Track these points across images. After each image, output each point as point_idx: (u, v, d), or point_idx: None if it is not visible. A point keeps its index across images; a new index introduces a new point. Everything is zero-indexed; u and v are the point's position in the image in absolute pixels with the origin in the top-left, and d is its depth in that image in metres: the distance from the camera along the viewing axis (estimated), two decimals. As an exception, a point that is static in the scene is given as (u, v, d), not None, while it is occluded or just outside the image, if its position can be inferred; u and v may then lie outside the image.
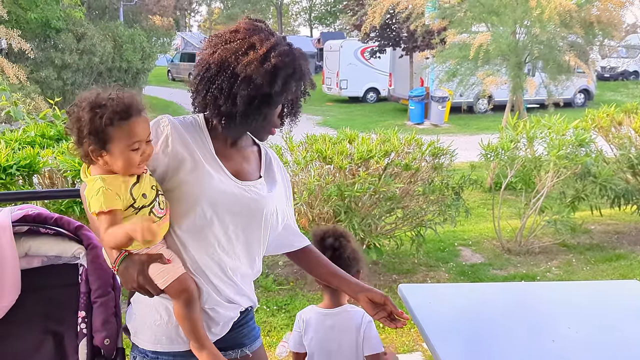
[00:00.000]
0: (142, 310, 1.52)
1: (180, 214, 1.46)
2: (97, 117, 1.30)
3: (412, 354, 3.37)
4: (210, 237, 1.49)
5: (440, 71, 8.73)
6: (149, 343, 1.52)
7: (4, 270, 1.56)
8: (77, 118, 1.33)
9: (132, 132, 1.33)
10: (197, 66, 1.51)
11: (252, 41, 1.43)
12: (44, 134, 4.02)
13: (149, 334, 1.52)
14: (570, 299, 2.16)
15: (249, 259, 1.59)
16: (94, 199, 1.32)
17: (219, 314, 1.55)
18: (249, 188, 1.54)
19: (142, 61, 15.59)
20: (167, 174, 1.46)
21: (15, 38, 9.58)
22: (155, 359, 1.53)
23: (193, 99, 1.53)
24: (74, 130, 1.34)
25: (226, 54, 1.44)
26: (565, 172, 4.76)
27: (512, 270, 4.84)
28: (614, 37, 8.16)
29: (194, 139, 1.51)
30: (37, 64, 12.94)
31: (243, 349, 1.66)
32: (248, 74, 1.41)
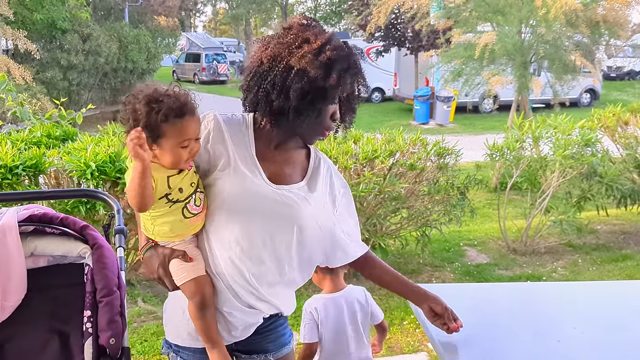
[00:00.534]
0: (172, 303, 1.58)
1: (209, 212, 1.47)
2: (154, 112, 1.33)
3: (418, 354, 3.36)
4: (232, 240, 1.46)
5: (446, 71, 8.70)
6: (173, 336, 1.59)
7: (10, 269, 1.56)
8: (134, 109, 1.35)
9: (184, 131, 1.36)
10: (249, 64, 1.48)
11: (306, 35, 1.41)
12: (50, 134, 4.04)
13: (173, 327, 1.59)
14: (576, 299, 2.15)
15: (277, 266, 1.51)
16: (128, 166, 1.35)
17: (237, 319, 1.54)
18: (282, 192, 1.49)
19: (148, 61, 15.64)
20: (209, 171, 1.48)
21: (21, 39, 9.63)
22: (177, 352, 1.59)
23: (244, 98, 1.49)
24: (129, 120, 1.35)
25: (279, 48, 1.42)
26: (571, 172, 4.74)
27: (517, 270, 4.82)
28: (620, 36, 8.12)
29: (235, 137, 1.49)
30: (43, 64, 13.00)
31: (267, 355, 1.64)
32: (302, 67, 1.37)
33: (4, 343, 1.60)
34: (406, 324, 3.71)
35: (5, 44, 13.25)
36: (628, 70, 22.42)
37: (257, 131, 1.53)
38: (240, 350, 1.61)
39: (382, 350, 3.38)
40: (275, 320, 1.64)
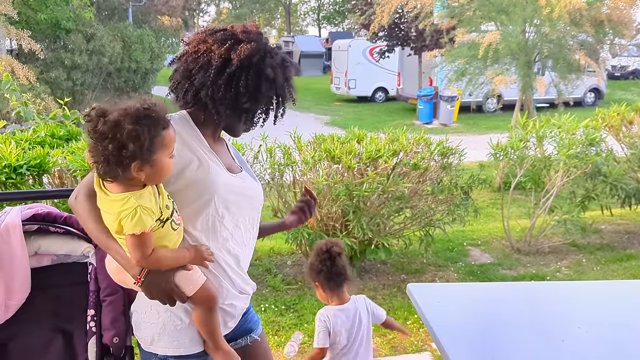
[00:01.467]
0: (158, 317, 1.50)
1: (193, 214, 1.46)
2: (145, 131, 1.25)
3: (421, 354, 3.35)
4: (224, 232, 1.51)
5: (449, 70, 8.69)
6: (171, 349, 1.50)
7: (14, 268, 1.57)
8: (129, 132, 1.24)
9: (171, 139, 1.33)
10: (203, 56, 1.47)
11: (267, 45, 1.51)
12: (54, 134, 4.05)
13: (169, 340, 1.50)
14: (580, 298, 2.15)
15: (252, 247, 1.65)
16: (130, 219, 1.27)
17: (236, 308, 1.59)
18: (242, 180, 1.59)
19: (151, 61, 15.64)
20: (178, 175, 1.44)
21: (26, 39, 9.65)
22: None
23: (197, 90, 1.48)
24: (120, 149, 1.24)
25: (249, 52, 1.46)
26: (576, 172, 4.72)
27: (521, 270, 4.81)
28: (625, 35, 8.09)
29: (190, 136, 1.51)
30: (47, 64, 13.03)
31: (252, 335, 1.73)
32: (272, 77, 1.48)
33: (8, 342, 1.61)
34: (410, 323, 3.71)
35: (9, 44, 13.29)
36: (632, 70, 22.35)
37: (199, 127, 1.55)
38: (230, 339, 1.63)
39: (386, 350, 3.38)
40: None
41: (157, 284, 1.39)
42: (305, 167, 4.03)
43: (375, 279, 4.47)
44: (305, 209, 1.86)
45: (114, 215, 1.30)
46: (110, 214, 1.32)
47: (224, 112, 1.48)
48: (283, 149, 4.14)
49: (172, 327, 1.49)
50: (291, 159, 4.09)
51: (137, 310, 1.54)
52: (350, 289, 2.45)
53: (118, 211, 1.29)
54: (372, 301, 2.52)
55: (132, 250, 1.32)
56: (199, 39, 1.51)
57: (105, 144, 1.24)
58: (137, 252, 1.32)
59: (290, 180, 4.18)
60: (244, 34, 1.49)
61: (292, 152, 4.17)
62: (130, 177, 1.28)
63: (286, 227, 1.88)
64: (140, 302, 1.52)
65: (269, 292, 4.16)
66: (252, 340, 1.73)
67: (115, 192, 1.31)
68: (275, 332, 3.60)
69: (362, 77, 18.60)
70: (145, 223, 1.28)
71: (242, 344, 1.70)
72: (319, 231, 4.02)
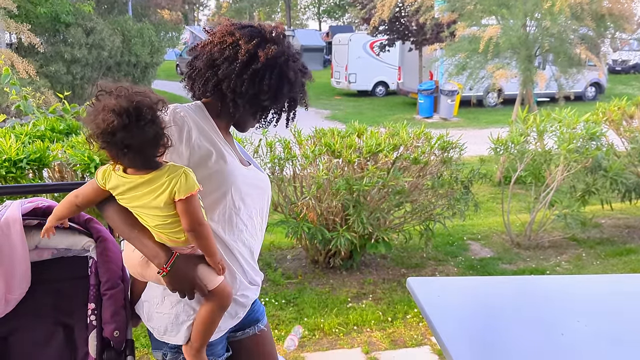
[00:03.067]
0: (172, 308, 1.51)
1: (211, 205, 1.48)
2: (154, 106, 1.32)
3: (421, 348, 3.37)
4: (240, 224, 1.54)
5: (450, 64, 8.67)
6: (184, 338, 1.51)
7: (14, 262, 1.57)
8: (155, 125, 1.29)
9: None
10: (229, 49, 1.49)
11: (291, 48, 1.56)
12: (54, 128, 4.05)
13: (183, 330, 1.51)
14: (579, 292, 2.15)
15: (262, 238, 1.68)
16: (184, 181, 1.30)
17: (248, 298, 1.62)
18: (254, 172, 1.62)
19: (151, 55, 15.59)
20: (193, 167, 1.43)
21: (25, 32, 9.61)
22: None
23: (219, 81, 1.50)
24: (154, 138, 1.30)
25: (276, 53, 1.49)
26: (576, 166, 4.72)
27: (521, 264, 4.82)
28: (626, 29, 8.06)
29: (207, 126, 1.52)
30: (47, 58, 12.99)
31: (258, 324, 1.75)
32: (294, 80, 1.53)
33: (8, 335, 1.62)
34: (409, 317, 3.72)
35: (8, 38, 13.25)
36: (633, 64, 22.32)
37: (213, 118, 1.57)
38: (235, 329, 1.66)
39: (385, 344, 3.39)
40: None
41: (183, 274, 1.40)
42: (306, 161, 4.03)
43: (375, 273, 4.48)
44: None
45: (160, 190, 1.31)
46: (152, 193, 1.32)
47: (243, 106, 1.51)
48: (283, 143, 4.14)
49: (185, 318, 1.50)
50: (291, 153, 4.09)
51: (148, 301, 1.55)
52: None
53: (167, 180, 1.31)
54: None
55: (188, 215, 1.32)
56: (225, 30, 1.53)
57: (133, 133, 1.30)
58: (194, 216, 1.33)
59: (291, 175, 4.18)
60: (272, 34, 1.53)
61: (292, 147, 4.17)
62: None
63: None
64: (152, 292, 1.53)
65: (269, 286, 4.17)
66: (259, 330, 1.75)
67: (148, 171, 1.33)
68: (276, 326, 3.61)
69: (362, 71, 18.57)
70: (195, 182, 1.33)
71: (250, 334, 1.73)
72: (319, 225, 4.02)
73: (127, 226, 1.40)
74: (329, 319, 3.67)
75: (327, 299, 3.97)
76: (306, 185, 4.08)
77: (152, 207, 1.34)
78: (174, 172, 1.32)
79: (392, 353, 3.31)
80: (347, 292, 4.08)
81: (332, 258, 4.42)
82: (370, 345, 3.38)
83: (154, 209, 1.34)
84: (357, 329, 3.57)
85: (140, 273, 1.50)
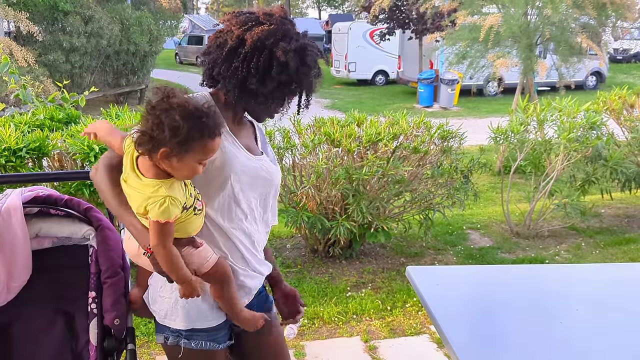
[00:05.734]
0: (172, 292, 1.53)
1: (211, 193, 1.49)
2: (194, 130, 1.30)
3: (420, 337, 3.38)
4: (239, 212, 1.54)
5: (450, 53, 8.63)
6: (183, 322, 1.54)
7: (16, 251, 1.57)
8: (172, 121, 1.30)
9: (211, 150, 1.36)
10: (222, 36, 1.51)
11: (287, 28, 1.50)
12: (53, 117, 4.04)
13: (182, 314, 1.53)
14: (579, 281, 2.16)
15: (265, 228, 1.68)
16: (158, 207, 1.31)
17: (250, 287, 1.62)
18: (261, 162, 1.61)
19: (150, 44, 15.48)
20: None
21: (24, 21, 9.56)
22: (190, 337, 1.56)
23: (211, 68, 1.52)
24: (157, 129, 1.30)
25: (264, 35, 1.46)
26: (576, 155, 4.72)
27: (520, 253, 4.83)
28: (627, 18, 8.01)
29: None
30: (46, 47, 12.90)
31: (269, 314, 1.74)
32: (285, 60, 1.46)
33: (10, 323, 1.62)
34: (409, 306, 3.73)
35: (7, 26, 13.17)
36: (635, 53, 22.21)
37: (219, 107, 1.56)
38: None
39: (385, 333, 3.41)
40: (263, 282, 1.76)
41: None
42: (305, 150, 4.03)
43: (375, 262, 4.50)
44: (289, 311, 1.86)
45: (142, 198, 1.34)
46: (139, 194, 1.35)
47: (233, 91, 1.51)
48: (283, 132, 4.13)
49: (185, 302, 1.52)
50: (291, 142, 4.08)
51: (152, 285, 1.58)
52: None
53: (147, 196, 1.33)
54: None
55: (152, 235, 1.35)
56: (225, 19, 1.55)
57: (150, 118, 1.31)
58: (158, 238, 1.35)
59: (290, 164, 4.17)
60: (265, 17, 1.51)
61: (291, 136, 4.16)
62: (157, 160, 1.32)
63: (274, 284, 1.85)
64: (157, 275, 1.54)
65: (269, 275, 4.18)
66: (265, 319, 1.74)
67: (147, 176, 1.35)
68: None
69: (362, 60, 18.48)
70: (170, 213, 1.32)
71: None
72: (319, 214, 4.03)
73: (117, 202, 1.42)
74: (328, 307, 3.69)
75: (327, 288, 3.98)
76: (305, 174, 4.07)
77: (134, 207, 1.38)
78: (157, 193, 1.33)
79: (391, 341, 3.33)
80: (346, 281, 4.09)
81: (331, 247, 4.43)
82: (370, 333, 3.40)
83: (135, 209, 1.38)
84: (356, 318, 3.59)
85: (135, 258, 1.53)
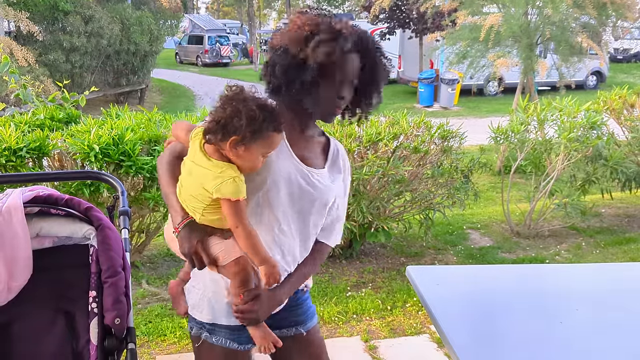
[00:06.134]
0: (202, 284, 1.58)
1: (247, 192, 1.47)
2: (265, 121, 1.39)
3: (420, 336, 3.38)
4: (271, 218, 1.54)
5: (451, 53, 8.64)
6: (207, 315, 1.58)
7: (16, 250, 1.57)
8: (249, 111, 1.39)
9: (275, 144, 1.45)
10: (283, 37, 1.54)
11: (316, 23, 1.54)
12: (53, 117, 4.04)
13: (207, 308, 1.58)
14: (579, 281, 2.16)
15: (302, 241, 1.63)
16: (227, 185, 1.38)
17: None
18: (312, 174, 1.59)
19: (150, 44, 15.48)
20: None
21: (24, 20, 9.57)
22: (212, 331, 1.60)
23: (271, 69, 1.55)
24: (235, 117, 1.39)
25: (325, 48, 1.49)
26: (576, 155, 4.72)
27: (521, 253, 4.83)
28: (628, 18, 8.02)
29: None
30: (46, 46, 12.91)
31: (297, 327, 1.73)
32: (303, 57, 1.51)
33: (11, 323, 1.62)
34: (409, 306, 3.73)
35: (7, 26, 13.18)
36: (635, 53, 22.19)
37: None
38: (272, 327, 1.63)
39: (385, 332, 3.41)
40: (301, 294, 1.74)
41: (191, 239, 1.43)
42: (306, 150, 4.02)
43: (375, 262, 4.50)
44: None
45: (212, 176, 1.40)
46: (209, 172, 1.41)
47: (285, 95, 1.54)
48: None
49: (211, 295, 1.57)
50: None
51: (192, 276, 1.60)
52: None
53: (216, 175, 1.40)
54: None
55: (229, 217, 1.40)
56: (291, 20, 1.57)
57: (227, 107, 1.40)
58: (235, 218, 1.40)
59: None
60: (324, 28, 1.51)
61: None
62: (225, 149, 1.40)
63: None
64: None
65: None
66: (296, 333, 1.72)
67: (210, 155, 1.43)
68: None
69: (362, 60, 18.44)
70: (240, 191, 1.40)
71: (288, 334, 1.70)
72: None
73: (166, 182, 1.50)
74: (328, 307, 3.69)
75: (327, 288, 3.98)
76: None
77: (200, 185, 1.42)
78: (225, 173, 1.40)
79: (391, 341, 3.33)
80: (346, 281, 4.09)
81: (332, 247, 4.43)
82: (370, 333, 3.40)
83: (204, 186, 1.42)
84: (356, 318, 3.59)
85: (170, 243, 1.56)
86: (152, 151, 3.53)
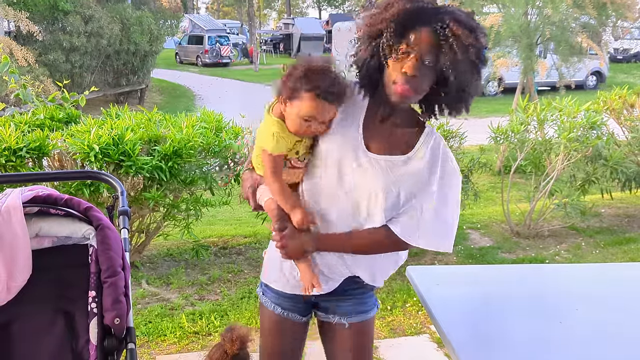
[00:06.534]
0: (270, 248, 1.76)
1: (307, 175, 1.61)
2: (299, 79, 1.48)
3: (420, 336, 3.38)
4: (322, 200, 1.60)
5: (450, 53, 8.61)
6: (263, 275, 1.80)
7: (16, 250, 1.57)
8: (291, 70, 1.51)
9: (308, 106, 1.49)
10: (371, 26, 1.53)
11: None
12: (53, 117, 4.04)
13: (265, 268, 1.80)
14: (578, 281, 2.16)
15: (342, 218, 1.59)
16: (267, 138, 1.54)
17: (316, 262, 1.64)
18: (374, 160, 1.55)
19: (150, 44, 15.48)
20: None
21: (24, 20, 9.57)
22: (264, 291, 1.81)
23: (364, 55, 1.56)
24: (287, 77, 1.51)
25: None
26: (576, 155, 4.72)
27: (520, 253, 4.83)
28: (628, 18, 8.02)
29: (354, 104, 1.59)
30: (46, 46, 12.91)
31: (343, 317, 1.73)
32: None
33: (10, 323, 1.62)
34: (409, 306, 3.73)
35: (7, 26, 13.18)
36: (635, 53, 22.21)
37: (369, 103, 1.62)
38: (320, 307, 1.76)
39: (385, 333, 3.41)
40: (360, 287, 1.73)
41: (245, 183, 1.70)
42: (306, 150, 4.02)
43: None
44: None
45: (261, 128, 1.58)
46: (262, 125, 1.59)
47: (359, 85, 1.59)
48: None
49: (268, 258, 1.78)
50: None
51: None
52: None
53: (263, 129, 1.57)
54: None
55: (266, 168, 1.56)
56: (388, 2, 1.49)
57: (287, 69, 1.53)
58: (269, 170, 1.56)
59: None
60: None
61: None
62: (283, 104, 1.53)
63: None
64: None
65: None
66: (338, 322, 1.74)
67: (273, 112, 1.56)
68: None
69: (362, 60, 18.44)
70: (278, 146, 1.53)
71: (332, 321, 1.75)
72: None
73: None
74: (328, 307, 3.68)
75: (327, 288, 3.98)
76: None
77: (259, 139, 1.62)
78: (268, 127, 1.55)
79: (391, 341, 3.33)
80: (346, 281, 4.09)
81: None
82: (370, 333, 3.40)
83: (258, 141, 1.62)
84: (356, 317, 3.58)
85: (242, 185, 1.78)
86: (152, 151, 3.53)
